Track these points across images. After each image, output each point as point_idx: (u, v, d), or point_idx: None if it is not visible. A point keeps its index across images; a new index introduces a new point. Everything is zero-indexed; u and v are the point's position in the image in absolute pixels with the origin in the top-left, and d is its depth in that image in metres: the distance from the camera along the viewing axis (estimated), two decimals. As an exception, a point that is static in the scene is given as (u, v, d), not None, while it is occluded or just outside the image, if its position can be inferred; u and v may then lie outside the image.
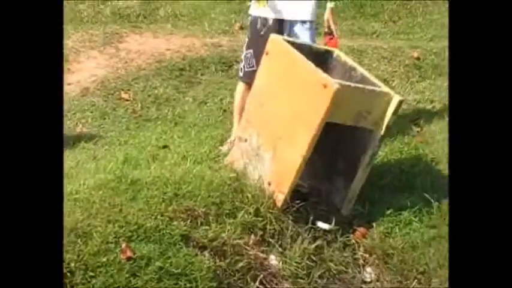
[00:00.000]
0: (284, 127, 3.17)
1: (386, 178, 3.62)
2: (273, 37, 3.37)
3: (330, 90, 2.96)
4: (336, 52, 3.53)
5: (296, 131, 3.10)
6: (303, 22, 3.74)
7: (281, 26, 3.74)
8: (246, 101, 3.61)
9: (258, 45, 3.60)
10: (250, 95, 3.47)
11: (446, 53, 5.71)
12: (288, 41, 3.35)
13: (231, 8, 6.90)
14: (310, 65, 3.11)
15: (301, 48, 3.30)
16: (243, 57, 3.85)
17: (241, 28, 5.95)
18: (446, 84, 5.16)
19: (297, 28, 3.75)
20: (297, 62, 3.17)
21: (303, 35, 3.73)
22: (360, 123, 3.15)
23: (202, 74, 5.23)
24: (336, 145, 3.34)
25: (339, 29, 6.59)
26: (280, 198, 3.11)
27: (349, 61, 3.48)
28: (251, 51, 3.79)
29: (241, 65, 3.86)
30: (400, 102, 3.15)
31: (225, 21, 6.68)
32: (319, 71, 3.07)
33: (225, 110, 4.57)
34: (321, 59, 3.43)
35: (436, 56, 5.71)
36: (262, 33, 3.69)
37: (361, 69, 3.42)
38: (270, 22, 3.74)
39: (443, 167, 3.80)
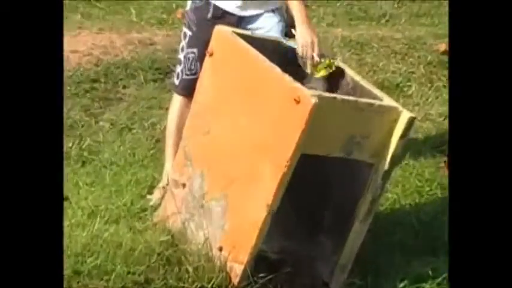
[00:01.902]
0: (240, 164, 3.19)
1: (398, 233, 3.65)
2: (219, 29, 3.38)
3: (305, 106, 2.97)
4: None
5: (257, 170, 3.11)
6: (272, 11, 3.76)
7: (240, 20, 3.75)
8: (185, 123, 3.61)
9: (205, 42, 3.58)
10: (188, 117, 3.47)
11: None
12: (242, 35, 3.37)
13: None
14: (276, 69, 3.12)
15: (262, 45, 3.32)
16: (181, 57, 3.85)
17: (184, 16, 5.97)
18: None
19: (262, 19, 3.76)
20: (255, 66, 3.19)
21: (270, 26, 3.74)
22: (352, 154, 3.17)
23: (125, 87, 5.25)
24: (320, 189, 3.36)
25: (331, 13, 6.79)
26: (237, 271, 3.12)
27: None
28: (195, 50, 3.80)
29: (178, 69, 3.86)
30: (412, 120, 3.17)
31: (161, 6, 6.74)
32: (289, 79, 3.09)
33: (158, 140, 4.57)
34: (294, 61, 3.46)
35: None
36: (212, 25, 3.64)
37: (353, 74, 3.45)
38: (226, 15, 3.74)
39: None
